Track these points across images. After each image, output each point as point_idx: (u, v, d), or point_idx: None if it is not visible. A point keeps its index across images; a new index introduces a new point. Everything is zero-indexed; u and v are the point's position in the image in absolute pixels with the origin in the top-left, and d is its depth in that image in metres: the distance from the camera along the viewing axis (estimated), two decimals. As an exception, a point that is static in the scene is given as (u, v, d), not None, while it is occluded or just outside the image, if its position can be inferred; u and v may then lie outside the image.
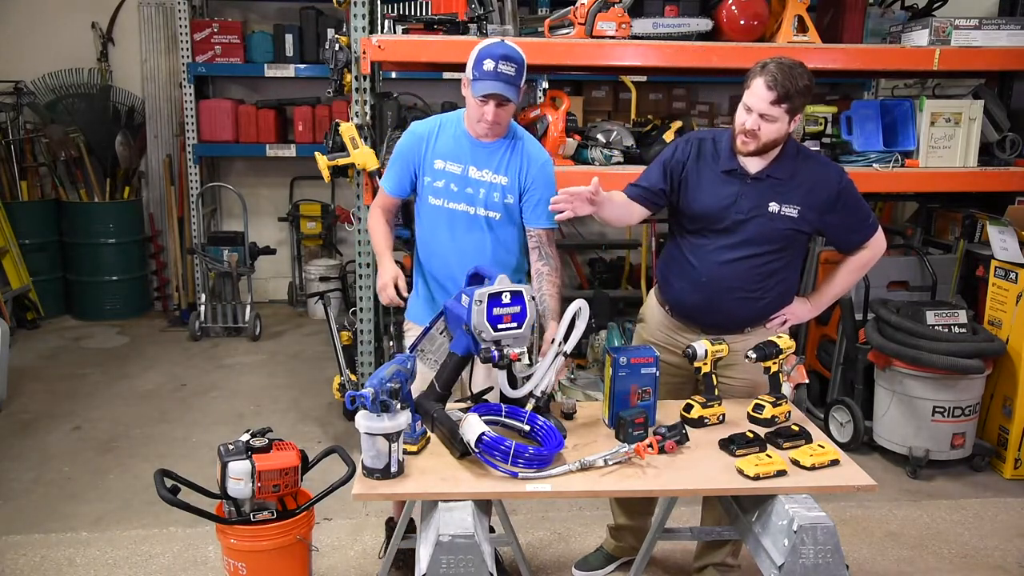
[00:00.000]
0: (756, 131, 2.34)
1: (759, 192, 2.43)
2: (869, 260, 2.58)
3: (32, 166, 6.08)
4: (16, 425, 4.18)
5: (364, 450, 2.01)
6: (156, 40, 6.24)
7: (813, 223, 2.46)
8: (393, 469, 2.00)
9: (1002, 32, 3.77)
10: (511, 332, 2.15)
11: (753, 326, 2.58)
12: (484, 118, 2.45)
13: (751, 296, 2.49)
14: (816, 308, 2.64)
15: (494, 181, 2.53)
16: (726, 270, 2.47)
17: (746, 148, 2.40)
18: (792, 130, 2.40)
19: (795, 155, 2.46)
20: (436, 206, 2.56)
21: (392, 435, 1.98)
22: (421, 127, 2.62)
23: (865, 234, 2.54)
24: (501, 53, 2.40)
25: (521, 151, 2.56)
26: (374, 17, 3.65)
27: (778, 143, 2.40)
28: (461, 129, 2.57)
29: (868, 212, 2.53)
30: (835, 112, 3.98)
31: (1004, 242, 3.75)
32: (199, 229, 5.86)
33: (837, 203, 2.45)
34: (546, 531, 3.23)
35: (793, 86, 2.27)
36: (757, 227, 2.43)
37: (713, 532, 2.61)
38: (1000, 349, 3.66)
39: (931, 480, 3.74)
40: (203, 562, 2.99)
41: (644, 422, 2.20)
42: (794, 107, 2.32)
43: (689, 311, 2.59)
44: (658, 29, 3.66)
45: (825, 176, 2.46)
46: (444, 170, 2.54)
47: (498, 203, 2.54)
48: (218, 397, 4.64)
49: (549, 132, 3.58)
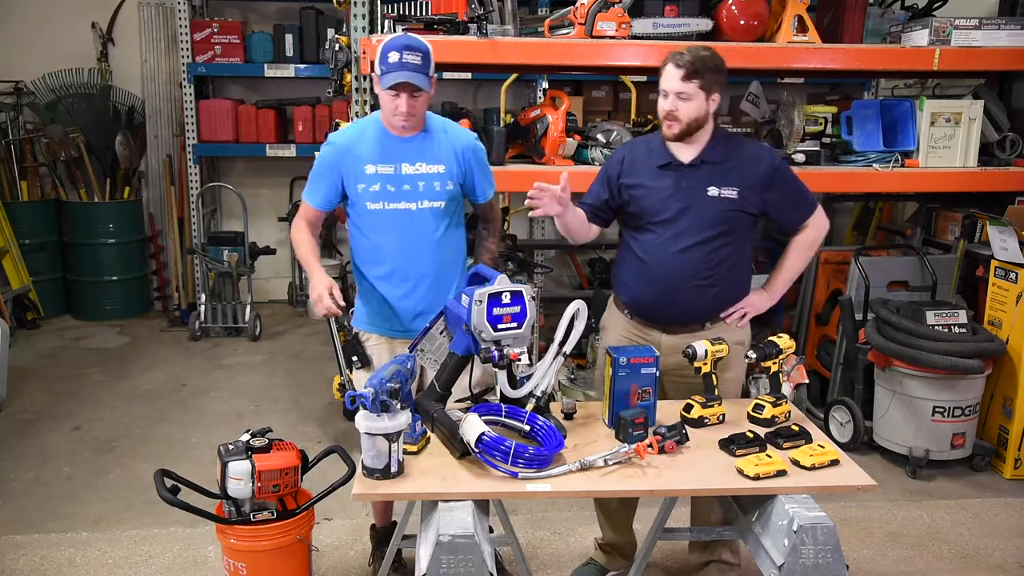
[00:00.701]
0: (675, 112, 2.45)
1: (696, 179, 2.51)
2: (815, 239, 2.63)
3: (32, 166, 6.09)
4: (16, 425, 4.18)
5: (364, 450, 2.01)
6: (156, 40, 6.24)
7: (755, 203, 2.52)
8: (393, 469, 2.00)
9: (1002, 32, 3.77)
10: (511, 332, 2.15)
11: (712, 320, 2.60)
12: (398, 110, 2.45)
13: (703, 284, 2.52)
14: (773, 296, 2.67)
15: (431, 171, 2.55)
16: (676, 260, 2.52)
17: (671, 131, 2.49)
18: (713, 110, 2.48)
19: (726, 139, 2.55)
20: (376, 210, 2.55)
21: (392, 435, 1.98)
22: (341, 138, 2.60)
23: (806, 211, 2.60)
24: (404, 44, 2.42)
25: (447, 138, 2.59)
26: (374, 17, 3.65)
27: (700, 122, 2.47)
28: (382, 130, 2.56)
29: (806, 190, 2.61)
30: (835, 112, 3.98)
31: (1004, 242, 3.75)
32: (199, 229, 5.86)
33: (774, 180, 2.52)
34: (546, 531, 3.23)
35: (700, 61, 2.41)
36: (699, 213, 2.49)
37: (713, 532, 2.61)
38: (1000, 349, 3.66)
39: (931, 480, 3.74)
40: (203, 562, 2.99)
41: (644, 422, 2.20)
42: (706, 83, 2.42)
43: (646, 308, 2.62)
44: (658, 29, 3.66)
45: (758, 155, 2.55)
46: (376, 173, 2.53)
47: (440, 191, 2.56)
48: (218, 397, 4.64)
49: (549, 132, 3.58)
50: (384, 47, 2.43)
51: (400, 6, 3.53)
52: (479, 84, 6.40)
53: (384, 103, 2.49)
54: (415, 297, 2.60)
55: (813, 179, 3.82)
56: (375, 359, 2.69)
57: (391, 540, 2.37)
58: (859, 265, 4.02)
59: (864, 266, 4.00)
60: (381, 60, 2.42)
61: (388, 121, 2.54)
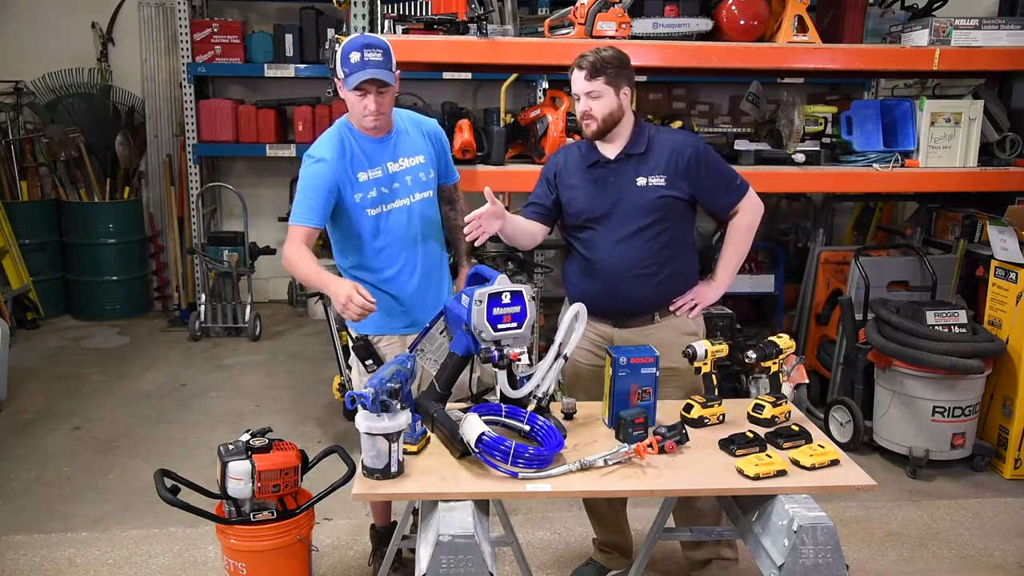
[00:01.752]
0: (589, 111, 2.51)
1: (623, 172, 2.56)
2: (751, 223, 2.63)
3: (32, 166, 6.09)
4: (16, 425, 4.18)
5: (364, 450, 2.01)
6: (156, 40, 6.24)
7: (684, 188, 2.54)
8: (393, 469, 1.99)
9: (1002, 32, 3.77)
10: (511, 332, 2.15)
11: (661, 313, 2.61)
12: (367, 110, 2.48)
13: (645, 273, 2.55)
14: (720, 285, 2.67)
15: (413, 164, 2.63)
16: (617, 252, 2.55)
17: (590, 130, 2.55)
18: (626, 103, 2.52)
19: (648, 131, 2.59)
20: (377, 215, 2.57)
21: (392, 435, 1.97)
22: (327, 152, 2.53)
23: (736, 196, 2.60)
24: (363, 43, 2.45)
25: (416, 128, 2.68)
26: (374, 17, 3.65)
27: (616, 117, 2.52)
28: (357, 136, 2.58)
29: (733, 174, 2.62)
30: (835, 112, 3.98)
31: (1004, 242, 3.75)
32: (199, 229, 5.86)
33: (699, 164, 2.54)
34: (546, 531, 3.23)
35: (600, 60, 2.46)
36: (631, 204, 2.54)
37: (713, 532, 2.61)
38: (1000, 349, 3.66)
39: (931, 480, 3.74)
40: (203, 562, 2.99)
41: (644, 422, 2.19)
42: (611, 79, 2.47)
43: (593, 302, 2.57)
44: (658, 29, 3.66)
45: (680, 141, 2.58)
46: (369, 180, 2.56)
47: (425, 181, 2.65)
48: (218, 397, 4.64)
49: (549, 132, 3.58)
50: (344, 49, 2.45)
51: (400, 6, 3.53)
52: (479, 84, 6.40)
53: (352, 106, 2.51)
54: (429, 286, 2.67)
55: (813, 179, 3.84)
56: (389, 359, 2.65)
57: (391, 540, 2.37)
58: (859, 265, 4.02)
59: (864, 266, 4.00)
60: (343, 63, 2.44)
61: (359, 124, 2.56)
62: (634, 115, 2.60)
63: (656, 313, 2.61)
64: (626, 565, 2.86)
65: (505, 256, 4.27)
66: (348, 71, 2.43)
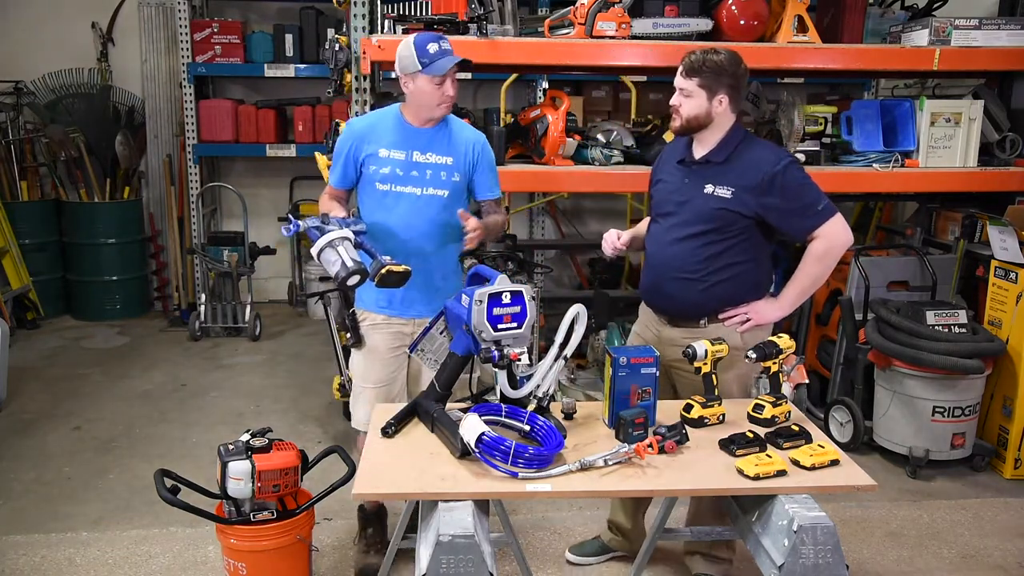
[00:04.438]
0: (677, 106, 2.54)
1: (698, 175, 2.58)
2: (826, 251, 2.51)
3: (32, 166, 6.08)
4: (16, 425, 4.18)
5: (328, 268, 2.36)
6: (156, 40, 6.24)
7: (750, 205, 2.49)
8: (349, 266, 2.33)
9: (1002, 32, 3.77)
10: (511, 332, 2.15)
11: (709, 318, 2.61)
12: (446, 94, 2.64)
13: (690, 278, 2.56)
14: (782, 307, 2.60)
15: (439, 162, 2.71)
16: (669, 250, 2.60)
17: (673, 124, 2.60)
18: (719, 110, 2.50)
19: (738, 142, 2.56)
20: (384, 191, 2.70)
21: (334, 241, 2.34)
22: (359, 123, 2.81)
23: (813, 221, 2.49)
24: (434, 36, 2.63)
25: (460, 134, 2.78)
26: (374, 17, 3.65)
27: (701, 120, 2.52)
28: (400, 120, 2.73)
29: (816, 199, 2.50)
30: (835, 112, 3.97)
31: (1004, 242, 3.75)
32: (199, 229, 5.86)
33: (773, 185, 2.47)
34: (546, 531, 3.23)
35: (701, 61, 2.47)
36: (693, 208, 2.56)
37: (713, 532, 2.61)
38: (1000, 349, 3.66)
39: (931, 480, 3.74)
40: (203, 562, 2.99)
41: (644, 422, 2.19)
42: (707, 83, 2.47)
43: (646, 293, 2.74)
44: (658, 29, 3.66)
45: (761, 159, 2.52)
46: (389, 157, 2.69)
47: (445, 181, 2.72)
48: (218, 397, 4.64)
49: (549, 132, 3.58)
50: (417, 43, 2.59)
51: (400, 6, 3.54)
52: (479, 84, 6.40)
53: (427, 93, 2.63)
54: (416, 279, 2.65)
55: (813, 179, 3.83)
56: (368, 339, 2.80)
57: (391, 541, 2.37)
58: (859, 265, 4.02)
59: (864, 266, 4.00)
60: (420, 56, 2.58)
61: (428, 113, 2.68)
62: (734, 123, 2.56)
63: (705, 319, 2.61)
64: (627, 550, 2.96)
65: (505, 256, 4.27)
66: (429, 60, 2.57)
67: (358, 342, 2.81)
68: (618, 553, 3.00)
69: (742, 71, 2.50)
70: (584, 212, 6.63)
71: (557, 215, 6.61)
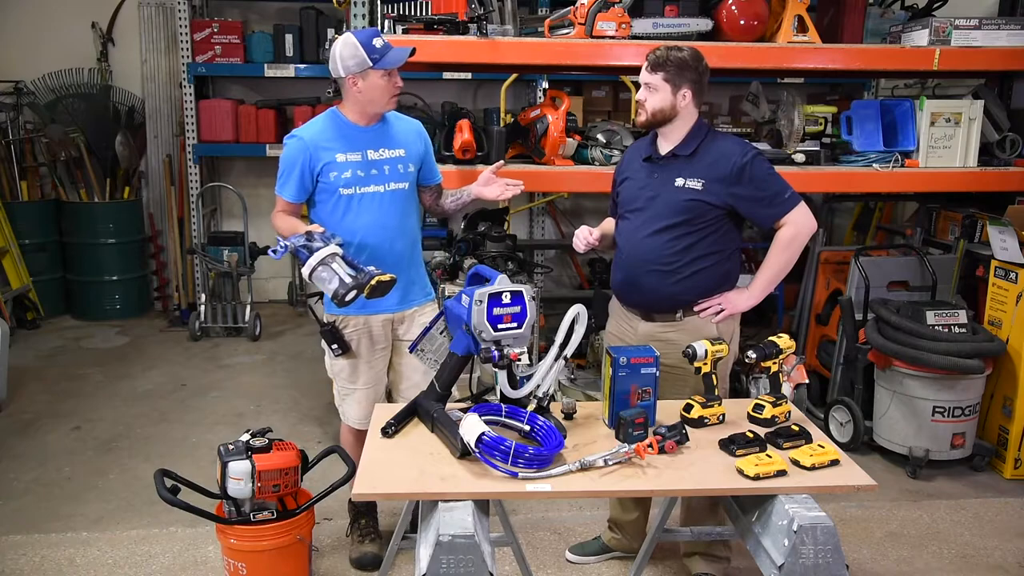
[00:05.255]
0: (642, 101, 2.59)
1: (667, 170, 2.62)
2: (793, 237, 2.57)
3: (32, 166, 6.09)
4: (16, 425, 4.18)
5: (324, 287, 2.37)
6: (156, 40, 6.24)
7: (721, 196, 2.55)
8: (347, 281, 2.35)
9: (1002, 32, 3.77)
10: (511, 332, 2.15)
11: (684, 310, 2.63)
12: (397, 86, 2.69)
13: (664, 270, 2.59)
14: (753, 295, 2.65)
15: (393, 156, 2.77)
16: (641, 245, 2.63)
17: (639, 119, 2.64)
18: (683, 104, 2.55)
19: (703, 136, 2.62)
20: (349, 195, 2.73)
21: (326, 258, 2.36)
22: (306, 133, 2.74)
23: (780, 209, 2.56)
24: (374, 32, 2.67)
25: (400, 125, 2.83)
26: (374, 17, 3.65)
27: (667, 114, 2.57)
28: (343, 123, 2.75)
29: (782, 187, 2.57)
30: (835, 112, 3.98)
31: (1004, 242, 3.75)
32: (199, 229, 5.86)
33: (742, 175, 2.53)
34: (546, 531, 3.23)
35: (665, 56, 2.53)
36: (664, 201, 2.60)
37: (713, 532, 2.62)
38: (1000, 349, 3.66)
39: (931, 480, 3.74)
40: (203, 562, 2.99)
41: (644, 422, 2.19)
42: (671, 77, 2.52)
43: (619, 291, 2.77)
44: (658, 29, 3.66)
45: (728, 150, 2.58)
46: (347, 161, 2.71)
47: (404, 174, 2.79)
48: (218, 397, 4.64)
49: (549, 132, 3.58)
50: (361, 40, 2.61)
51: (400, 6, 3.53)
52: (479, 84, 6.40)
53: (380, 88, 2.67)
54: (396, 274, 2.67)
55: (813, 179, 3.84)
56: (354, 344, 2.82)
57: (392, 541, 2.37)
58: (859, 265, 4.02)
59: (864, 266, 4.00)
60: (369, 51, 2.60)
61: (383, 104, 2.71)
62: (698, 117, 2.63)
63: (680, 311, 2.64)
64: (628, 549, 2.97)
65: (505, 256, 4.26)
66: (380, 54, 2.61)
67: (345, 351, 2.81)
68: (618, 553, 3.02)
69: (704, 67, 2.58)
70: (584, 212, 6.63)
71: (557, 215, 6.61)
